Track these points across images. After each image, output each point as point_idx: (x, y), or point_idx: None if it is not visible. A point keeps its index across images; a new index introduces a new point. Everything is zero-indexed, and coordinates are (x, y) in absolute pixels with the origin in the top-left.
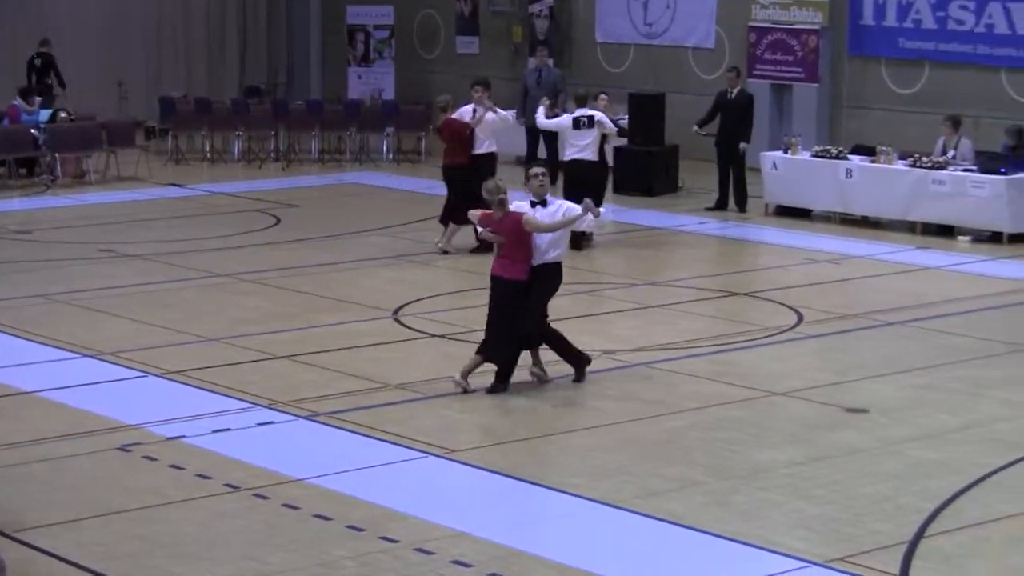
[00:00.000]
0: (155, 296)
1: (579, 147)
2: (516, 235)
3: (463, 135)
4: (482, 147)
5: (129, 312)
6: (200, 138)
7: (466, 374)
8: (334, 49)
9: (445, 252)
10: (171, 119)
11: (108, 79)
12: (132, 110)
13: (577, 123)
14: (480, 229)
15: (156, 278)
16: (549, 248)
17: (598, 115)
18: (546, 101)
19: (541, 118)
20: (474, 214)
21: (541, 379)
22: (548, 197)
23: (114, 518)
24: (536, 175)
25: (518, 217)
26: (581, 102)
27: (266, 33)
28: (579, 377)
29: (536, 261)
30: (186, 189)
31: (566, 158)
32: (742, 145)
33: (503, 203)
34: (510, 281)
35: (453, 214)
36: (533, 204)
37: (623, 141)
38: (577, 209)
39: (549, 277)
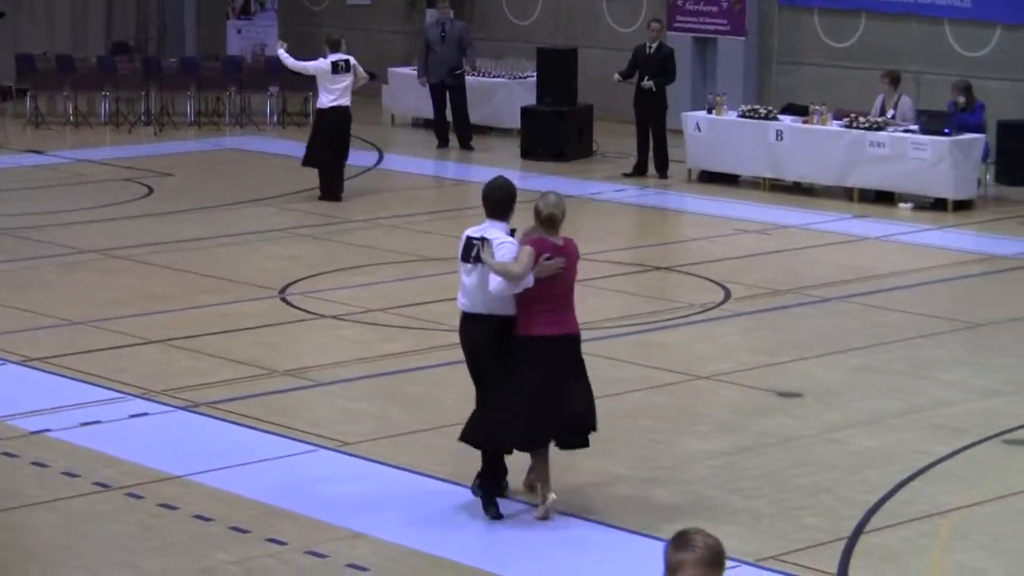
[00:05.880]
0: (13, 276)
1: (339, 93)
2: (575, 269)
3: None
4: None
5: None
6: (63, 99)
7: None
8: (211, 0)
9: None
10: (30, 78)
11: None
12: None
13: (336, 67)
14: (540, 258)
15: (14, 255)
16: None
17: (352, 60)
18: (283, 44)
19: (289, 59)
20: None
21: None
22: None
23: None
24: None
25: (574, 246)
26: (335, 46)
27: None
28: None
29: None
30: (47, 156)
31: (326, 105)
32: (646, 81)
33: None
34: (578, 336)
35: None
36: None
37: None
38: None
39: None
